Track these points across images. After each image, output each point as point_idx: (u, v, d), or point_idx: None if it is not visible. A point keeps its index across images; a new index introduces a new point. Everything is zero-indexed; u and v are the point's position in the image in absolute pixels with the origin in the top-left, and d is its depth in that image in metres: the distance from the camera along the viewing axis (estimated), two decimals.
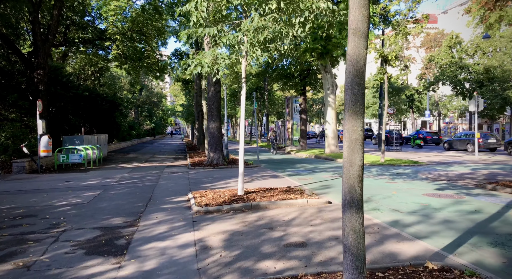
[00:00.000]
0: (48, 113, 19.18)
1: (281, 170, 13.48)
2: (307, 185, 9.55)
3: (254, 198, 7.39)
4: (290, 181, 10.34)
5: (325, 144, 21.14)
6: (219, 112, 15.35)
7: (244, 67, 7.77)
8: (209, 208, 6.75)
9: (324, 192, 8.58)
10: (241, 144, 7.92)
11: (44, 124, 13.60)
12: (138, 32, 26.61)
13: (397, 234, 5.07)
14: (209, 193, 8.28)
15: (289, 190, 8.31)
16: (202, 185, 9.89)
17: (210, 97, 15.18)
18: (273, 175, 11.83)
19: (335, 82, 21.08)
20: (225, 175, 11.96)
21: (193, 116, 39.74)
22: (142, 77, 47.19)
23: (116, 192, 9.03)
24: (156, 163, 17.20)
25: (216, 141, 15.17)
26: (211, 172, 12.94)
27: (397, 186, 9.48)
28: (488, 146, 22.51)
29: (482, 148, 22.08)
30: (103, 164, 17.07)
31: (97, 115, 24.07)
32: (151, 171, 13.84)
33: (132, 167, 15.63)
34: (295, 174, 12.39)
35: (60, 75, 20.42)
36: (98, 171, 13.95)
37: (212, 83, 15.08)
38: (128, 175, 12.63)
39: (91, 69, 33.58)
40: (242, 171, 7.85)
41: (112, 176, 12.24)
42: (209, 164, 14.95)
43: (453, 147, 24.41)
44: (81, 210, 7.09)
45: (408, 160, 15.86)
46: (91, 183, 10.63)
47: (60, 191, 9.26)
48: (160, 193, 8.91)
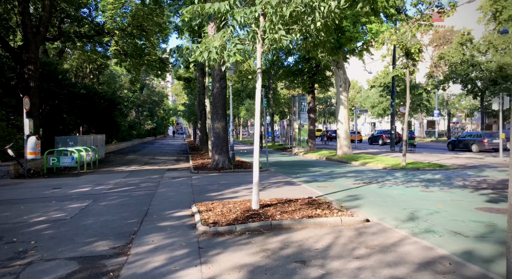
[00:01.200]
0: (40, 112, 17.90)
1: (295, 175, 12.11)
2: (330, 195, 8.18)
3: (273, 215, 6.03)
4: (309, 189, 8.97)
5: (337, 145, 19.76)
6: (224, 111, 14.00)
7: (260, 54, 6.41)
8: (218, 229, 5.38)
9: (355, 205, 7.20)
10: (256, 147, 6.56)
11: (31, 124, 12.27)
12: (138, 27, 25.32)
13: (484, 277, 3.68)
14: (217, 205, 6.92)
15: (313, 203, 6.94)
16: (207, 194, 8.54)
17: (215, 94, 13.82)
18: (288, 181, 10.46)
19: (348, 79, 19.69)
20: (233, 181, 10.60)
21: (195, 116, 38.43)
22: (143, 76, 45.93)
23: (107, 203, 7.67)
24: (156, 166, 15.86)
25: (221, 143, 13.81)
26: (217, 178, 11.57)
27: (438, 196, 8.09)
28: (493, 146, 22.53)
29: (486, 148, 22.32)
30: (99, 167, 15.75)
31: (95, 114, 22.77)
32: (150, 175, 12.50)
33: (129, 170, 14.29)
34: (311, 180, 11.02)
35: (54, 71, 19.11)
36: (92, 176, 12.62)
37: (217, 78, 13.73)
38: (124, 180, 11.28)
39: (90, 67, 32.32)
40: (257, 180, 6.49)
41: (106, 182, 10.89)
42: (214, 167, 13.59)
43: (457, 147, 24.15)
44: (61, 229, 5.74)
45: (432, 163, 14.46)
46: (80, 191, 9.29)
47: (42, 202, 7.92)
48: (158, 204, 7.55)
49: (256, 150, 6.56)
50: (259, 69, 6.50)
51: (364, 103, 63.80)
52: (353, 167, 14.90)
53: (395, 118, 26.28)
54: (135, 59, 26.60)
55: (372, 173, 12.49)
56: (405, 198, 7.87)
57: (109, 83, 39.07)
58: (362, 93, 68.12)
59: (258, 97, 6.50)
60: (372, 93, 61.65)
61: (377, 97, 58.58)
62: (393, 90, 26.10)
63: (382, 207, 7.01)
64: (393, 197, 8.04)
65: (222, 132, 13.83)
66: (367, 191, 8.86)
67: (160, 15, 25.55)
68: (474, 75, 39.44)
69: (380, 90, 56.69)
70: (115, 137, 30.36)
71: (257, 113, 6.53)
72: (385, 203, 7.39)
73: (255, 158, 6.52)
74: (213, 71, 13.87)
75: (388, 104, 56.13)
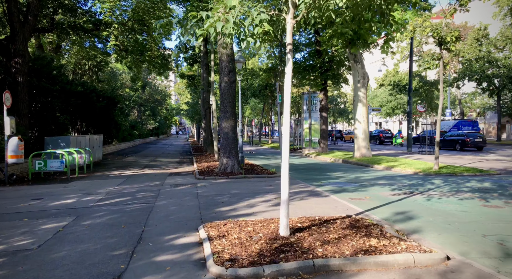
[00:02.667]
0: (31, 110, 16.37)
1: (316, 182, 10.45)
2: (372, 212, 6.53)
3: (312, 247, 4.38)
4: (342, 202, 7.32)
5: (354, 147, 18.07)
6: (234, 108, 12.36)
7: (290, 27, 4.76)
8: (239, 272, 3.75)
9: (412, 229, 5.53)
10: (285, 152, 4.93)
11: (13, 122, 10.69)
12: (139, 22, 23.77)
13: None
14: (232, 228, 5.30)
15: (357, 225, 5.29)
16: (217, 209, 6.91)
17: (223, 89, 12.19)
18: (311, 191, 8.81)
19: (367, 74, 18.00)
20: (246, 190, 8.96)
21: (199, 115, 36.82)
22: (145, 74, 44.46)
23: (92, 223, 6.06)
24: (157, 170, 14.26)
25: (230, 144, 12.18)
26: (226, 185, 9.94)
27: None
28: (476, 145, 24.59)
29: (469, 147, 24.44)
30: (94, 170, 14.18)
31: (93, 113, 21.21)
32: (149, 182, 10.89)
33: (127, 175, 12.70)
34: (339, 189, 9.35)
35: (47, 66, 17.54)
36: (83, 182, 11.03)
37: (225, 71, 12.09)
38: (118, 189, 9.67)
39: (89, 64, 30.82)
40: (287, 198, 4.86)
41: (97, 191, 9.29)
42: (222, 172, 11.96)
43: (444, 146, 25.91)
44: (17, 268, 4.12)
45: (468, 168, 12.75)
46: (63, 203, 7.69)
47: (10, 220, 6.32)
48: (157, 224, 5.93)
49: (285, 157, 4.92)
50: (290, 45, 4.84)
51: (372, 102, 62.01)
52: (378, 172, 13.21)
53: (411, 117, 24.52)
54: (136, 55, 25.10)
55: (405, 180, 10.81)
56: (471, 217, 6.19)
57: (110, 81, 37.57)
58: (370, 92, 66.32)
59: (288, 84, 4.85)
60: (380, 92, 59.86)
61: (386, 96, 56.83)
62: (410, 87, 24.37)
63: (451, 232, 5.33)
64: (455, 215, 6.36)
65: (231, 132, 12.19)
66: (415, 205, 7.19)
67: (163, 9, 24.02)
68: (490, 72, 37.60)
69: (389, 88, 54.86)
70: (115, 137, 28.83)
71: (287, 106, 4.88)
72: (451, 225, 5.72)
73: (284, 169, 4.88)
74: (220, 63, 12.25)
75: (397, 103, 54.34)
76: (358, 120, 17.81)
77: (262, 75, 41.15)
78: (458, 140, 25.24)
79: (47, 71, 17.32)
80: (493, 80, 37.60)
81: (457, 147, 25.08)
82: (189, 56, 27.99)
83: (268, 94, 40.90)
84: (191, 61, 28.51)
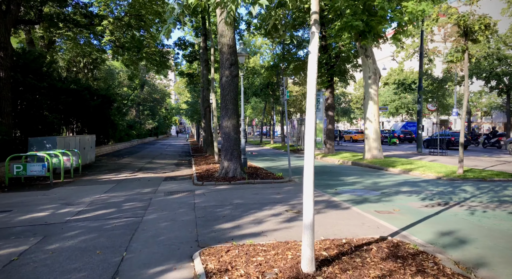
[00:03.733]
0: (15, 108, 15.12)
1: (330, 189, 9.20)
2: (410, 231, 5.27)
3: None
4: (368, 217, 6.07)
5: (365, 148, 16.81)
6: (236, 105, 11.09)
7: None
8: None
9: (473, 258, 4.27)
10: (309, 157, 3.69)
11: None
12: (136, 17, 22.58)
13: None
14: (237, 257, 4.05)
15: (399, 253, 4.05)
16: (217, 226, 5.66)
17: (224, 84, 10.92)
18: (328, 201, 7.55)
19: (378, 69, 16.74)
20: (251, 200, 7.72)
21: (198, 114, 35.58)
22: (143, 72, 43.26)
23: (59, 247, 4.81)
24: (151, 173, 13.02)
25: (232, 145, 10.91)
26: (228, 193, 8.68)
27: None
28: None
29: (455, 145, 25.18)
30: (82, 174, 12.94)
31: (86, 112, 19.96)
32: (140, 188, 9.64)
33: (118, 179, 11.46)
34: (359, 198, 8.09)
35: (35, 62, 16.28)
36: (66, 189, 9.78)
37: (226, 64, 10.83)
38: (104, 197, 8.42)
39: (84, 61, 29.60)
40: (312, 220, 3.62)
41: (78, 200, 8.05)
42: (223, 177, 10.71)
43: (431, 146, 25.69)
44: None
45: (497, 172, 11.47)
46: (34, 218, 6.44)
47: None
48: (141, 249, 4.68)
49: (309, 164, 3.67)
50: (315, 14, 3.59)
51: None
52: (395, 176, 11.95)
53: (422, 116, 23.27)
54: (133, 52, 23.90)
55: (431, 186, 9.54)
56: None
57: (107, 79, 36.34)
58: None
59: (312, 66, 3.60)
60: (383, 91, 58.61)
61: (390, 95, 55.65)
62: (420, 84, 23.19)
63: None
64: None
65: (233, 132, 10.93)
66: (460, 222, 5.92)
67: (160, 4, 22.81)
68: (499, 70, 36.34)
69: (394, 87, 53.60)
70: (112, 138, 27.58)
71: (311, 95, 3.63)
72: None
73: (308, 180, 3.64)
74: (221, 55, 10.98)
75: (401, 103, 53.08)
76: (369, 119, 16.55)
77: (264, 74, 39.91)
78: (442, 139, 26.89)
79: (34, 66, 16.06)
80: (503, 78, 36.32)
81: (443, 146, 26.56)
82: (188, 54, 26.81)
83: (270, 93, 39.64)
84: (190, 59, 27.31)
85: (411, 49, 45.51)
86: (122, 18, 23.01)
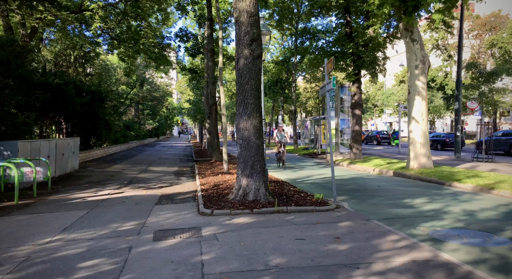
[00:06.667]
0: None
1: (410, 226, 5.94)
2: None
3: None
4: None
5: (410, 154, 13.55)
6: (258, 98, 7.84)
7: None
8: None
9: None
10: None
11: None
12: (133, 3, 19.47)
13: None
14: None
15: None
16: None
17: (243, 68, 7.68)
18: (435, 261, 4.30)
19: (427, 57, 13.47)
20: (298, 257, 4.47)
21: (202, 114, 32.29)
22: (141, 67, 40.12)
23: None
24: (142, 189, 9.83)
25: (253, 156, 7.66)
26: (255, 237, 5.42)
27: None
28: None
29: (449, 146, 26.07)
30: (52, 190, 9.78)
31: (73, 111, 16.81)
32: (120, 222, 6.43)
33: (95, 200, 8.29)
34: (477, 250, 4.85)
35: (1, 48, 13.13)
36: (10, 221, 6.60)
37: (245, 40, 7.59)
38: (54, 245, 5.22)
39: (74, 54, 26.44)
40: None
41: (9, 252, 4.86)
42: (240, 201, 7.47)
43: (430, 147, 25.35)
44: None
45: None
46: None
47: None
48: None
49: None
50: None
51: (388, 101, 57.43)
52: (477, 196, 8.65)
53: (460, 116, 19.87)
54: (129, 44, 20.84)
55: None
56: None
57: (102, 75, 33.21)
58: (385, 90, 61.54)
59: None
60: (397, 90, 55.22)
61: (404, 94, 52.29)
62: (459, 78, 19.79)
63: None
64: None
65: (254, 136, 7.68)
66: None
67: None
68: None
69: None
70: (106, 139, 24.44)
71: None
72: None
73: None
74: (237, 28, 7.71)
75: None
76: (415, 118, 13.29)
77: (273, 70, 36.73)
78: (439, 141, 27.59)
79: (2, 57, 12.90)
80: None
81: (438, 147, 27.37)
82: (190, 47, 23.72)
83: (280, 91, 36.43)
84: (193, 51, 24.17)
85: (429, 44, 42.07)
86: (115, 4, 19.94)
